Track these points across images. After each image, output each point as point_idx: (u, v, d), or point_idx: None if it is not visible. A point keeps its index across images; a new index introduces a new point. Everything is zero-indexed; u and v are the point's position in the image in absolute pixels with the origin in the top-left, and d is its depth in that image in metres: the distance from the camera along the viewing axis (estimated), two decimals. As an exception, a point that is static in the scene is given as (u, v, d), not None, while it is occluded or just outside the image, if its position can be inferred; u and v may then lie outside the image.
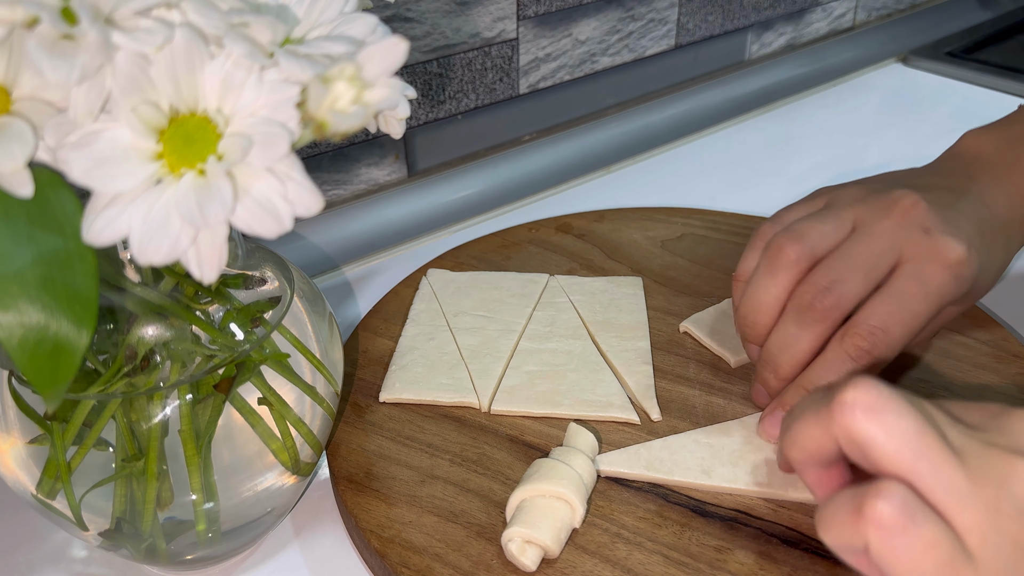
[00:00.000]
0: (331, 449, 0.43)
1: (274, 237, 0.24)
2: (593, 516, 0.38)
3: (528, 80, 0.70)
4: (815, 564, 0.36)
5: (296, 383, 0.37)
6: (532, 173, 0.71)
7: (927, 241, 0.39)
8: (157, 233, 0.23)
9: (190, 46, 0.24)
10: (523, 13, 0.67)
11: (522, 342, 0.49)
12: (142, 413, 0.33)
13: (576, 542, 0.37)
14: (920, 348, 0.47)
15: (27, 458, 0.34)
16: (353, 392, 0.46)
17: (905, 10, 0.99)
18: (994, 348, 0.47)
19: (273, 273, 0.38)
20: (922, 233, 0.39)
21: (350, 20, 0.28)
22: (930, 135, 0.78)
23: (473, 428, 0.44)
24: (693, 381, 0.46)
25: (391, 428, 0.44)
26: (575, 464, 0.38)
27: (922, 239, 0.39)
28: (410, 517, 0.39)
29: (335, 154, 0.62)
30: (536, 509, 0.36)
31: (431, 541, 0.38)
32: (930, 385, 0.45)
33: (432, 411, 0.45)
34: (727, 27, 0.83)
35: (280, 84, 0.24)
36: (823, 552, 0.36)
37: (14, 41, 0.23)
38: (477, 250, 0.58)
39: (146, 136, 0.24)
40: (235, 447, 0.35)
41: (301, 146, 0.25)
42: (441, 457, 0.42)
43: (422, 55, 0.63)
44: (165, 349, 0.33)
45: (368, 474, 0.41)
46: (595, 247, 0.58)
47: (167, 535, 0.35)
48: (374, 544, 0.38)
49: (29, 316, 0.24)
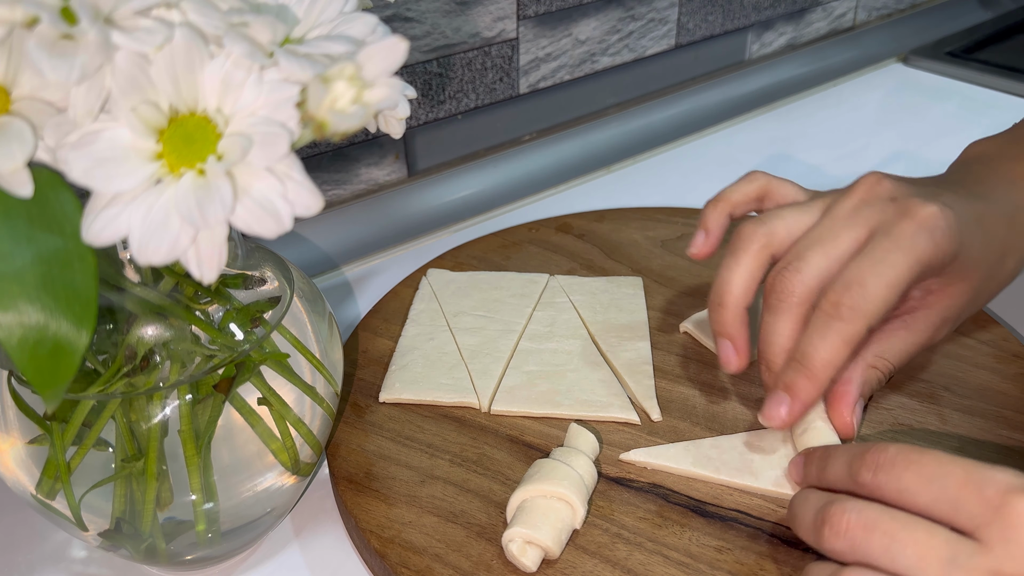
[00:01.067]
0: (331, 449, 0.43)
1: (274, 237, 0.24)
2: (593, 516, 0.38)
3: (528, 80, 0.70)
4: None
5: (296, 383, 0.37)
6: (532, 173, 0.71)
7: (894, 206, 0.38)
8: (157, 233, 0.23)
9: (190, 46, 0.24)
10: (523, 13, 0.67)
11: (522, 342, 0.49)
12: (142, 413, 0.33)
13: (576, 542, 0.37)
14: (932, 347, 0.45)
15: (27, 458, 0.34)
16: (353, 392, 0.46)
17: (905, 10, 0.99)
18: (994, 348, 0.47)
19: (273, 273, 0.38)
20: (889, 202, 0.38)
21: (350, 20, 0.28)
22: (930, 135, 0.78)
23: (473, 428, 0.44)
24: (693, 381, 0.46)
25: (391, 428, 0.44)
26: (576, 465, 0.38)
27: (888, 206, 0.38)
28: (410, 517, 0.39)
29: (335, 154, 0.62)
30: (537, 510, 0.36)
31: (431, 541, 0.38)
32: (931, 385, 0.45)
33: (432, 411, 0.45)
34: (727, 27, 0.83)
35: (280, 84, 0.24)
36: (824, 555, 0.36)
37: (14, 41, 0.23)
38: (477, 250, 0.58)
39: (146, 136, 0.24)
40: (235, 447, 0.35)
41: (301, 146, 0.25)
42: (441, 457, 0.42)
43: (422, 55, 0.63)
44: (165, 349, 0.33)
45: (368, 474, 0.41)
46: (595, 247, 0.58)
47: (167, 535, 0.35)
48: (374, 544, 0.38)
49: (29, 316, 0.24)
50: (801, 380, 0.37)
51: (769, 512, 0.39)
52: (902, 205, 0.38)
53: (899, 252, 0.36)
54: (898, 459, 0.31)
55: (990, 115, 0.81)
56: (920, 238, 0.37)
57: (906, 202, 0.38)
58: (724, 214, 0.44)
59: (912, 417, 0.44)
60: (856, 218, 0.38)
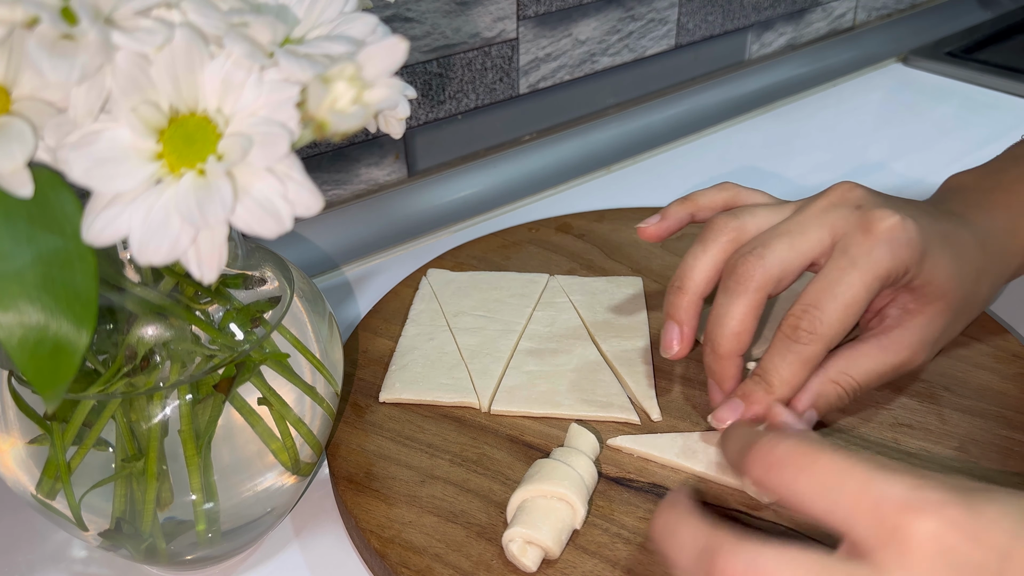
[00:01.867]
0: (331, 449, 0.43)
1: (274, 237, 0.24)
2: (593, 516, 0.38)
3: (528, 80, 0.70)
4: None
5: (296, 383, 0.37)
6: (532, 173, 0.71)
7: (858, 215, 0.38)
8: (157, 233, 0.23)
9: (190, 46, 0.24)
10: (523, 13, 0.67)
11: (522, 342, 0.49)
12: (142, 413, 0.33)
13: (576, 542, 0.37)
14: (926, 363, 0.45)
15: (27, 458, 0.34)
16: (353, 392, 0.46)
17: (905, 10, 0.99)
18: (994, 348, 0.48)
19: (273, 273, 0.38)
20: (854, 209, 0.39)
21: (350, 20, 0.28)
22: (930, 135, 0.78)
23: (473, 428, 0.44)
24: (693, 381, 0.46)
25: (391, 428, 0.44)
26: (576, 465, 0.38)
27: (852, 214, 0.39)
28: (410, 517, 0.39)
29: (335, 154, 0.62)
30: (537, 510, 0.36)
31: (431, 541, 0.38)
32: (931, 385, 0.45)
33: (432, 411, 0.45)
34: (727, 27, 0.83)
35: (280, 84, 0.24)
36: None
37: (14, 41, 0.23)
38: (477, 250, 0.58)
39: (146, 136, 0.24)
40: (235, 447, 0.35)
41: (301, 146, 0.25)
42: (441, 457, 0.42)
43: (422, 55, 0.63)
44: (165, 349, 0.33)
45: (368, 474, 0.41)
46: (595, 247, 0.58)
47: (167, 535, 0.35)
48: (374, 544, 0.38)
49: (29, 316, 0.24)
50: (759, 392, 0.38)
51: (770, 513, 0.39)
52: (866, 216, 0.38)
53: (855, 271, 0.37)
54: (789, 461, 0.27)
55: (990, 115, 0.81)
56: (877, 252, 0.37)
57: (869, 213, 0.38)
58: (687, 211, 0.45)
59: (912, 417, 0.44)
60: (823, 219, 0.39)
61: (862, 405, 0.44)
